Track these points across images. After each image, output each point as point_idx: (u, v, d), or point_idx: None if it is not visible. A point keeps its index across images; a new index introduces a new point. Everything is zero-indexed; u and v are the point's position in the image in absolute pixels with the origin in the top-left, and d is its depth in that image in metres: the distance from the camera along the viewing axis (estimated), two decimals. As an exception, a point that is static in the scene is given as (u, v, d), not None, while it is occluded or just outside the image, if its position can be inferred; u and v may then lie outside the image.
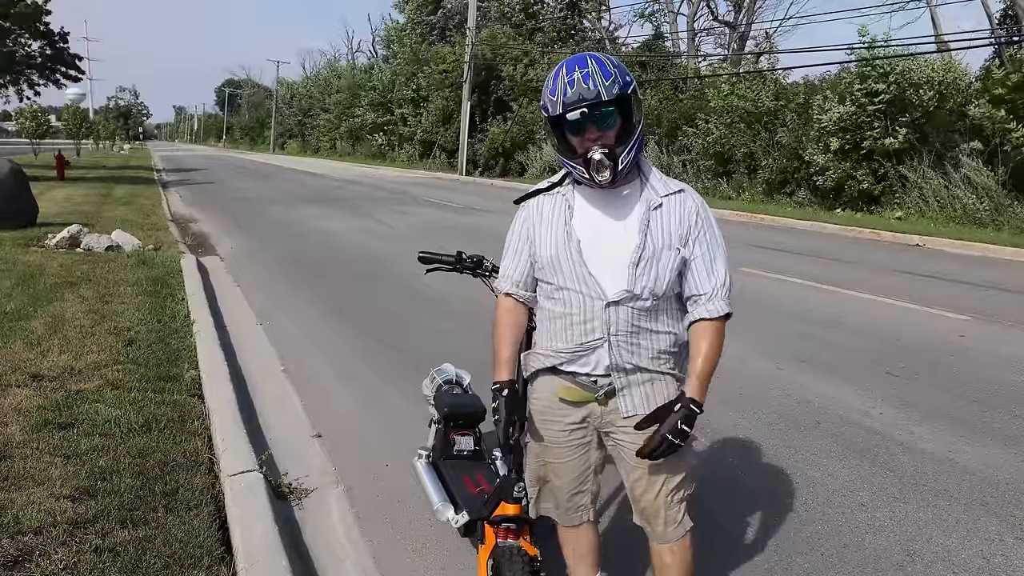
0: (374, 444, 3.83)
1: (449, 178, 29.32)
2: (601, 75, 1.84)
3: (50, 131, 33.74)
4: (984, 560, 2.89)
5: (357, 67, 55.59)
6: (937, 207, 15.34)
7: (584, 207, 2.02)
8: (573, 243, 1.97)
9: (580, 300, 1.97)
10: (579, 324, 1.98)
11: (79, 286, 6.58)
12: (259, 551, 2.58)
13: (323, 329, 6.09)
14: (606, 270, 1.94)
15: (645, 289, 1.93)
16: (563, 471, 2.16)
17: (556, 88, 1.88)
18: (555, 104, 1.87)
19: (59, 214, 11.90)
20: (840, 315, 6.88)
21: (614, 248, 1.94)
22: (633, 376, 1.99)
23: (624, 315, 1.95)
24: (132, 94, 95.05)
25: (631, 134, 1.90)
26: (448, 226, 13.33)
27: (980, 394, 4.82)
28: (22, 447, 3.25)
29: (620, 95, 1.85)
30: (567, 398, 2.07)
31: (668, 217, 1.96)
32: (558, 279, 2.00)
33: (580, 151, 1.91)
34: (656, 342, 1.99)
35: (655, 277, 1.94)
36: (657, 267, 1.94)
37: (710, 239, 1.98)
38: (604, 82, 1.83)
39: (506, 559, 2.10)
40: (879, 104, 15.86)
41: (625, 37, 36.54)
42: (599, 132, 1.88)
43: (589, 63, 1.87)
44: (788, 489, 3.43)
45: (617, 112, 1.89)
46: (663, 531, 2.10)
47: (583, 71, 1.85)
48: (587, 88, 1.83)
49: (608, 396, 2.02)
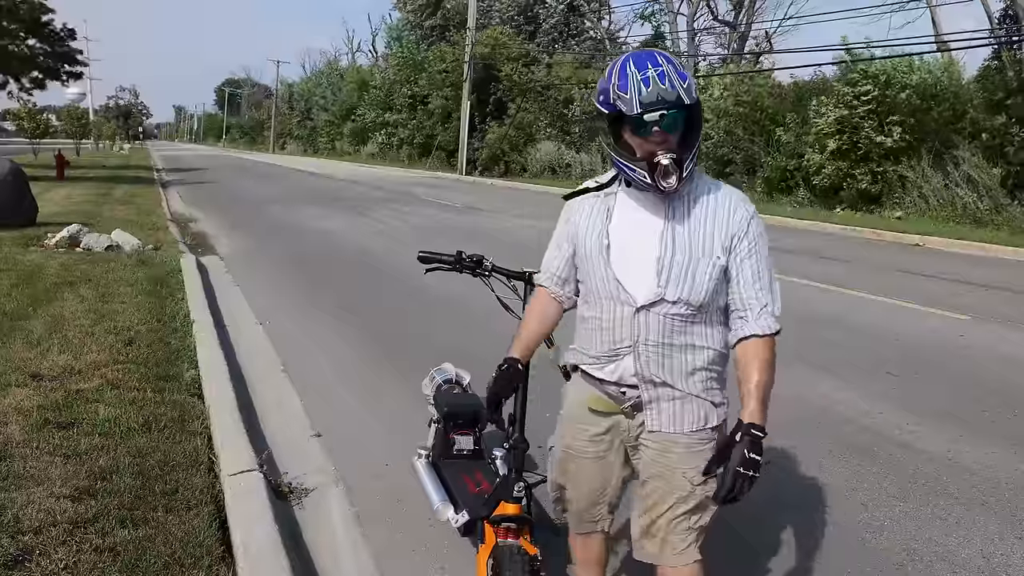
0: (374, 444, 3.83)
1: (450, 178, 29.32)
2: (677, 76, 1.74)
3: (50, 131, 33.72)
4: (984, 559, 2.89)
5: (359, 67, 55.62)
6: (937, 206, 15.36)
7: (625, 210, 1.93)
8: (604, 246, 1.91)
9: (610, 305, 1.91)
10: (608, 330, 1.93)
11: (79, 286, 6.58)
12: (259, 551, 2.58)
13: (323, 329, 6.09)
14: (639, 275, 1.87)
15: (680, 297, 1.84)
16: (580, 481, 2.12)
17: (628, 85, 1.73)
18: (630, 103, 1.73)
19: (59, 214, 11.89)
20: (840, 315, 6.88)
21: (651, 252, 1.86)
22: (662, 390, 1.90)
23: (655, 323, 1.86)
24: (132, 94, 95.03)
25: (694, 140, 1.81)
26: (448, 226, 13.32)
27: (980, 394, 4.82)
28: (22, 447, 3.25)
29: (695, 99, 1.77)
30: (595, 408, 2.02)
31: (712, 224, 1.85)
32: (589, 282, 1.96)
33: (641, 154, 1.81)
34: (692, 358, 1.89)
35: (690, 285, 1.84)
36: (694, 275, 1.83)
37: (760, 251, 1.87)
38: (681, 84, 1.73)
39: (506, 559, 2.09)
40: (869, 104, 15.95)
41: (625, 37, 36.51)
42: (664, 136, 1.77)
43: (661, 62, 1.75)
44: (788, 489, 3.43)
45: (686, 117, 1.79)
46: (662, 554, 1.98)
47: (657, 70, 1.73)
48: (665, 88, 1.71)
49: (635, 409, 1.96)
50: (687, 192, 1.87)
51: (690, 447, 1.92)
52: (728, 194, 1.90)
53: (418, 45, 39.25)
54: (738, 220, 1.86)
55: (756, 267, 1.86)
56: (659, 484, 1.95)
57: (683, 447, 1.92)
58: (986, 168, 14.93)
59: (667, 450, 1.92)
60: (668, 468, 1.92)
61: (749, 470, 1.73)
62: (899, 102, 15.78)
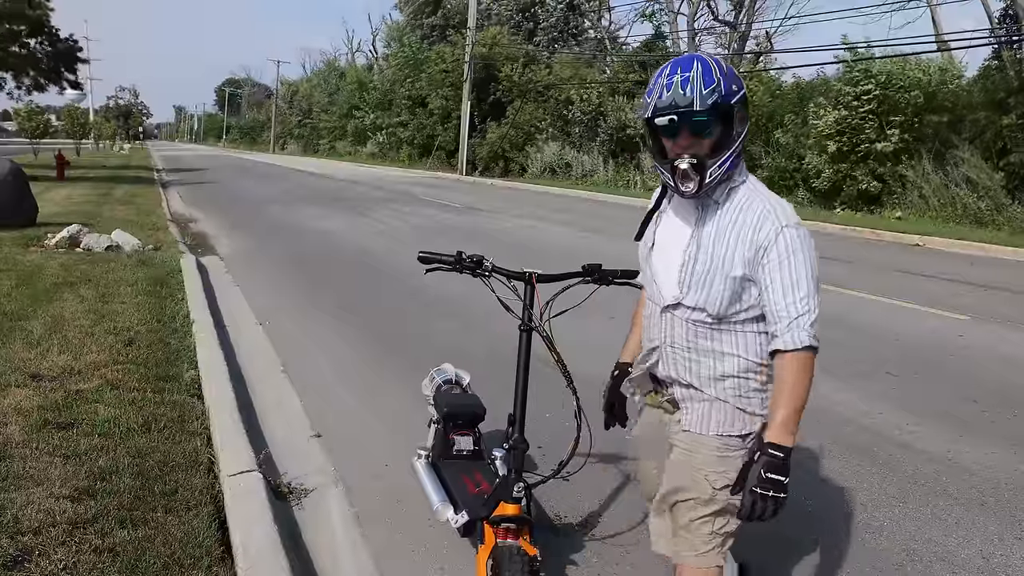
0: (374, 444, 3.82)
1: (450, 178, 29.32)
2: (702, 81, 1.75)
3: (50, 131, 33.72)
4: (984, 560, 2.89)
5: (359, 67, 55.62)
6: (937, 206, 15.36)
7: (670, 215, 2.00)
8: (649, 248, 2.02)
9: (650, 304, 2.03)
10: (647, 328, 2.05)
11: (79, 286, 6.58)
12: (259, 551, 2.58)
13: (323, 329, 6.09)
14: (668, 277, 1.93)
15: (698, 304, 1.87)
16: (642, 469, 2.28)
17: (653, 89, 1.80)
18: (647, 106, 1.80)
19: (59, 214, 11.89)
20: (840, 315, 6.88)
21: (679, 257, 1.91)
22: (690, 392, 1.95)
23: (680, 327, 1.92)
24: (132, 94, 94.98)
25: (726, 147, 1.81)
26: (448, 226, 13.33)
27: (980, 394, 4.82)
28: (22, 447, 3.25)
29: (717, 105, 1.75)
30: (648, 401, 2.14)
31: (736, 237, 1.83)
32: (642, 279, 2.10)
33: (670, 156, 1.85)
34: (720, 365, 1.90)
35: (707, 294, 1.85)
36: (711, 284, 1.85)
37: (792, 264, 1.79)
38: (703, 90, 1.74)
39: (506, 559, 2.09)
40: (870, 104, 15.94)
41: (626, 37, 36.50)
42: (692, 139, 1.80)
43: (694, 66, 1.77)
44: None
45: (715, 122, 1.79)
46: (677, 551, 2.00)
47: (684, 75, 1.76)
48: (682, 94, 1.75)
49: (672, 404, 2.02)
50: (722, 199, 1.88)
51: (717, 450, 1.92)
52: (761, 206, 1.85)
53: (420, 44, 39.24)
54: (765, 233, 1.81)
55: (788, 279, 1.79)
56: (682, 479, 1.96)
57: (710, 449, 1.92)
58: (986, 168, 14.93)
59: (694, 450, 1.94)
60: (693, 468, 1.94)
61: (768, 490, 1.71)
62: (901, 101, 15.76)
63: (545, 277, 2.40)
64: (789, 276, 1.79)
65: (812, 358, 1.78)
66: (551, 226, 13.75)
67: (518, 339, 2.35)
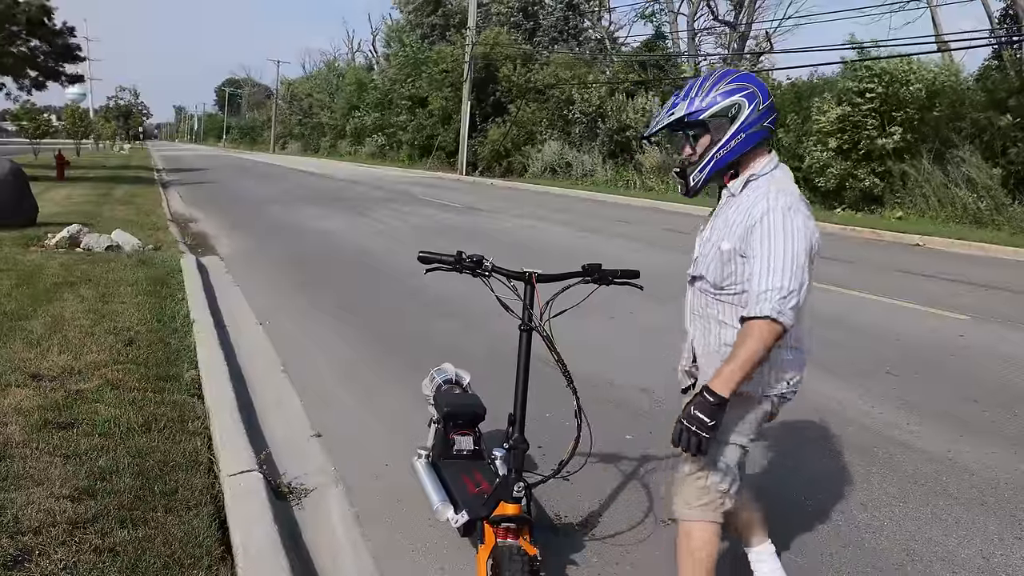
0: (374, 444, 3.82)
1: (450, 178, 29.31)
2: (685, 100, 2.04)
3: (50, 131, 33.71)
4: (984, 560, 2.89)
5: (358, 67, 55.61)
6: (937, 205, 15.36)
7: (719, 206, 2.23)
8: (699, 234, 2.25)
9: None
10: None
11: (79, 286, 6.58)
12: (259, 551, 2.58)
13: (323, 329, 6.09)
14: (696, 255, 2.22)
15: (702, 273, 2.14)
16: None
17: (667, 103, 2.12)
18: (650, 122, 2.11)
19: (59, 214, 11.89)
20: (840, 315, 6.88)
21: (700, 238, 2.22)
22: (703, 358, 2.18)
23: (696, 297, 2.20)
24: (132, 94, 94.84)
25: (706, 153, 2.07)
26: (448, 226, 13.33)
27: (980, 394, 4.82)
28: (22, 447, 3.25)
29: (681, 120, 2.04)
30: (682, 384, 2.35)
31: (735, 215, 2.06)
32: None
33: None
34: (722, 332, 2.12)
35: (706, 265, 2.12)
36: (709, 255, 2.11)
37: (771, 243, 1.94)
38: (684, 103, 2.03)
39: (506, 559, 2.10)
40: (872, 102, 15.93)
41: (625, 37, 36.48)
42: (687, 147, 2.12)
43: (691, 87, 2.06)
44: (787, 489, 3.43)
45: (694, 133, 2.07)
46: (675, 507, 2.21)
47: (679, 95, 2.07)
48: (662, 112, 2.10)
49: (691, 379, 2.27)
50: (737, 192, 2.11)
51: None
52: (764, 191, 2.04)
53: (421, 43, 39.22)
54: (756, 213, 1.99)
55: (765, 256, 1.94)
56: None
57: None
58: (986, 168, 14.93)
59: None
60: None
61: (692, 424, 1.88)
62: (905, 98, 15.73)
63: (545, 277, 2.40)
64: (768, 254, 1.94)
65: (770, 329, 1.89)
66: (551, 226, 13.74)
67: (518, 339, 2.35)
